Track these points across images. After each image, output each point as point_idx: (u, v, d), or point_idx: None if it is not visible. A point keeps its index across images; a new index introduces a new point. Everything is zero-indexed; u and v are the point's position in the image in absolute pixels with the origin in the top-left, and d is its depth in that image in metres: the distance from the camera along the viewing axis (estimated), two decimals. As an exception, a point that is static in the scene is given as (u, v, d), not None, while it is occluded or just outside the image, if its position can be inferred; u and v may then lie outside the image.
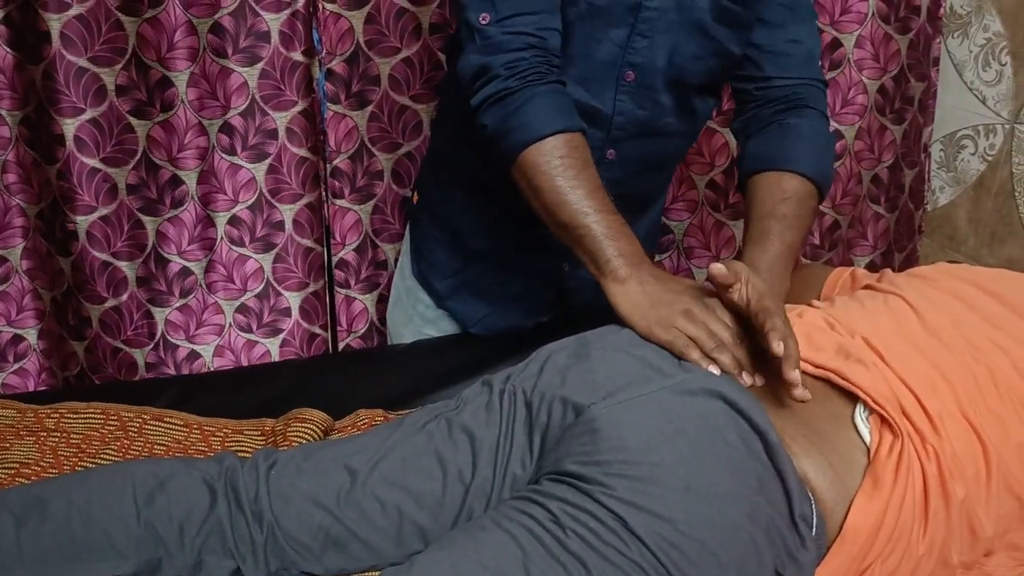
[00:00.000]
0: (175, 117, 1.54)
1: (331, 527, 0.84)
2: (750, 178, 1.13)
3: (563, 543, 0.72)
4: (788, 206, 1.06)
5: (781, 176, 1.09)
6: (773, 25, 1.14)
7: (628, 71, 1.11)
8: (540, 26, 1.01)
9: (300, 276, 1.70)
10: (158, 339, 1.67)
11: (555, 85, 1.02)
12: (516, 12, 0.99)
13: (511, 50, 1.00)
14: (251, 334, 1.71)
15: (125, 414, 1.16)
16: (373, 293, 1.76)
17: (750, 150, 1.16)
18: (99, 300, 1.61)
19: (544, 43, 1.01)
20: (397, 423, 0.93)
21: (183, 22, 1.49)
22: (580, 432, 0.79)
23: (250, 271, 1.67)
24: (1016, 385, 0.89)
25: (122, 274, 1.61)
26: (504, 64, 0.99)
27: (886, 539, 0.80)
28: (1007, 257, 1.79)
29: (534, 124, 0.99)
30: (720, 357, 0.85)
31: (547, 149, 0.98)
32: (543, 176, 0.98)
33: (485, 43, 1.00)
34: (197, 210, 1.62)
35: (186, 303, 1.66)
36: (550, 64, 1.03)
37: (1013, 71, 1.73)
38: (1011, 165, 1.77)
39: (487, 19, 1.00)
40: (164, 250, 1.62)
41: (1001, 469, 0.84)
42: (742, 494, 0.76)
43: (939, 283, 1.03)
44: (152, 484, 0.85)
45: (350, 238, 1.71)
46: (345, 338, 1.77)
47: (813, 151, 1.12)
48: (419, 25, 1.59)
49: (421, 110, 1.66)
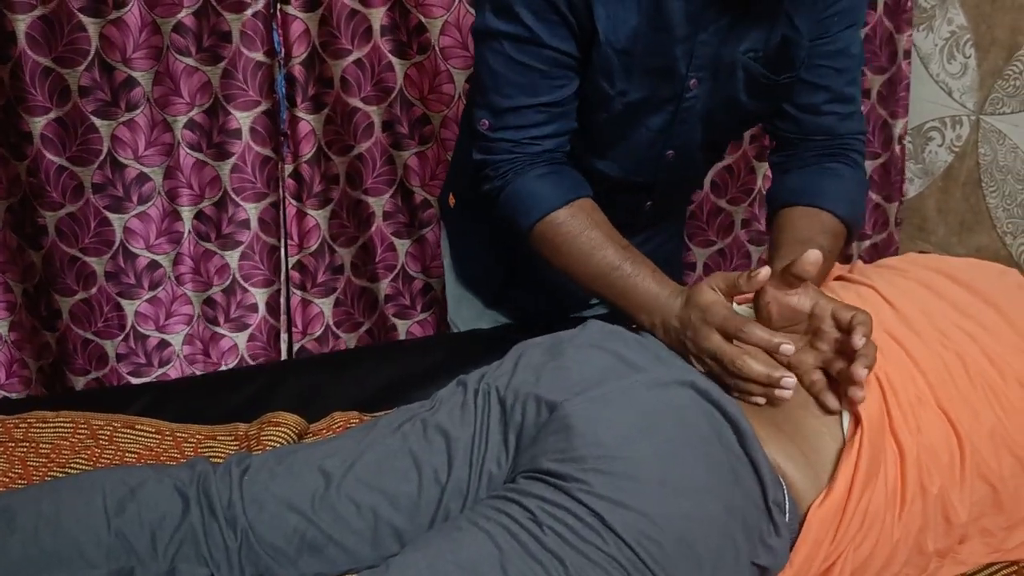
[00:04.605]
0: (140, 116, 1.54)
1: (306, 531, 0.83)
2: (784, 209, 1.13)
3: (540, 541, 0.72)
4: (826, 239, 1.05)
5: (818, 211, 1.09)
6: (818, 87, 1.12)
7: (669, 151, 1.15)
8: (531, 135, 1.05)
9: (266, 273, 1.71)
10: (128, 330, 1.69)
11: (545, 168, 1.06)
12: (509, 125, 1.05)
13: (499, 152, 1.06)
14: (219, 327, 1.74)
15: (95, 422, 1.15)
16: (330, 297, 1.77)
17: (788, 184, 1.15)
18: (69, 293, 1.63)
19: (534, 147, 1.06)
20: (371, 425, 0.92)
21: (148, 22, 1.48)
22: (555, 429, 0.78)
23: (216, 266, 1.69)
24: (986, 371, 0.89)
25: (91, 268, 1.63)
26: (493, 165, 1.07)
27: (858, 525, 0.80)
28: (976, 246, 1.81)
29: (529, 210, 1.05)
30: (748, 388, 0.84)
31: (538, 232, 1.04)
32: (550, 249, 1.04)
33: (482, 144, 1.08)
34: (164, 205, 1.63)
35: (155, 295, 1.68)
36: (541, 162, 1.06)
37: (977, 63, 1.75)
38: (977, 156, 1.79)
39: (486, 125, 1.06)
40: (132, 245, 1.64)
41: (974, 456, 0.85)
42: (717, 486, 0.76)
43: (908, 273, 1.04)
44: (122, 492, 0.84)
45: (308, 242, 1.72)
46: (300, 339, 1.78)
47: (849, 195, 1.12)
48: (370, 27, 1.59)
49: (372, 112, 1.66)
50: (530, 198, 1.04)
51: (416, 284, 1.87)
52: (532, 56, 1.01)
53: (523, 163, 1.05)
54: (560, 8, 0.98)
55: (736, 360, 0.83)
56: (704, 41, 1.02)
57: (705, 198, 1.91)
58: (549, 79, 1.02)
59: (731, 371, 0.84)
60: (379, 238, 1.79)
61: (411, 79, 1.65)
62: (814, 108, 1.13)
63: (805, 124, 1.14)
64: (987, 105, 1.75)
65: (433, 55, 1.62)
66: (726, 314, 0.86)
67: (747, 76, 1.07)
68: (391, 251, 1.82)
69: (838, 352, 0.84)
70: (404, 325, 1.89)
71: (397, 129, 1.70)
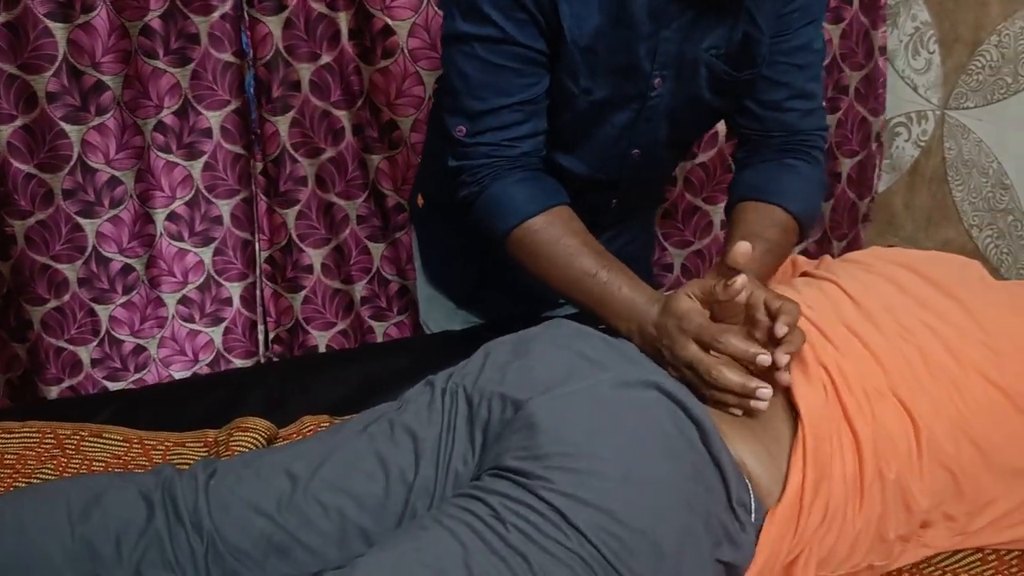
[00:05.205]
0: (110, 120, 1.54)
1: (273, 534, 0.83)
2: (740, 203, 1.14)
3: (504, 538, 0.72)
4: (775, 232, 1.07)
5: (770, 207, 1.10)
6: (779, 83, 1.13)
7: (634, 150, 1.15)
8: (509, 137, 1.05)
9: (240, 267, 1.73)
10: (103, 335, 1.69)
11: (523, 173, 1.06)
12: (487, 128, 1.04)
13: (477, 158, 1.06)
14: (194, 324, 1.75)
15: (62, 432, 1.14)
16: (298, 294, 1.78)
17: (745, 179, 1.17)
18: (40, 302, 1.62)
19: (513, 150, 1.06)
20: (338, 427, 0.92)
21: (116, 26, 1.48)
22: (519, 427, 0.79)
23: (190, 264, 1.70)
24: (946, 363, 0.91)
25: (62, 276, 1.63)
26: (470, 171, 1.07)
27: (819, 518, 0.81)
28: (943, 239, 1.83)
29: (506, 215, 1.05)
30: (724, 399, 0.84)
31: (515, 238, 1.04)
32: (527, 256, 1.04)
33: (458, 151, 1.07)
34: (136, 208, 1.63)
35: (129, 299, 1.68)
36: (519, 167, 1.06)
37: (941, 59, 1.78)
38: (943, 151, 1.81)
39: (463, 131, 1.06)
40: (105, 249, 1.64)
41: (932, 445, 0.86)
42: (679, 483, 0.76)
43: (872, 267, 1.06)
44: (87, 499, 0.83)
45: (277, 238, 1.73)
46: (274, 329, 1.80)
47: (805, 193, 1.14)
48: (338, 31, 1.59)
49: (343, 116, 1.66)
50: (507, 204, 1.04)
51: (392, 287, 1.87)
52: (504, 56, 1.01)
53: (501, 168, 1.05)
54: (527, 6, 0.98)
55: (712, 370, 0.83)
56: (667, 38, 1.03)
57: (680, 197, 1.91)
58: (522, 77, 1.03)
59: (707, 381, 0.84)
60: (353, 241, 1.79)
61: (376, 85, 1.65)
62: (776, 104, 1.14)
63: (767, 120, 1.15)
64: (951, 100, 1.77)
65: (402, 57, 1.62)
66: (702, 322, 0.86)
67: (710, 73, 1.08)
68: (366, 254, 1.82)
69: (770, 340, 0.85)
70: (381, 327, 1.89)
71: (367, 133, 1.70)
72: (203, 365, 1.79)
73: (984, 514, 0.91)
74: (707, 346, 0.85)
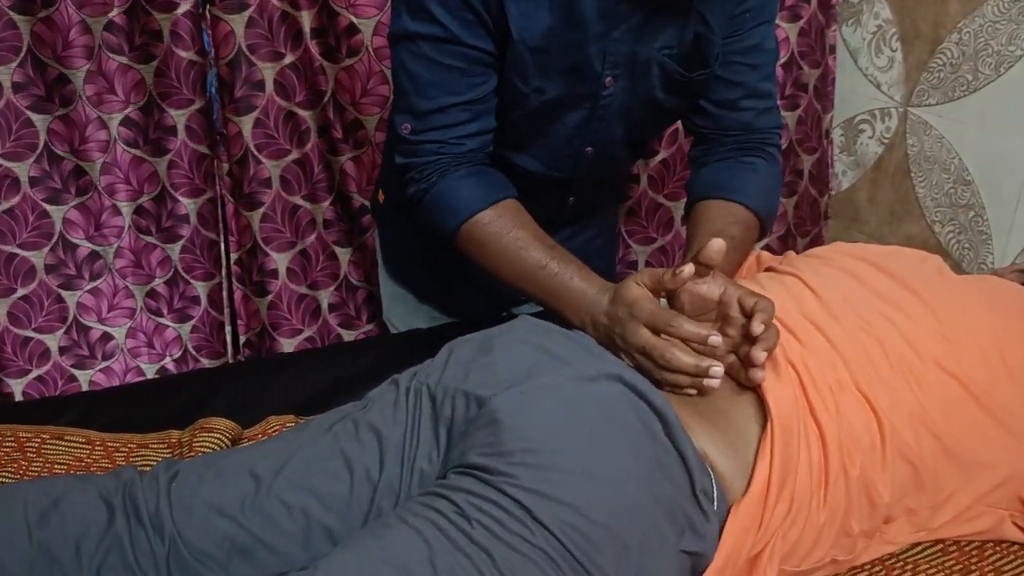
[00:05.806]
0: (75, 112, 1.53)
1: (236, 535, 0.82)
2: (700, 202, 1.15)
3: (468, 534, 0.72)
4: (737, 229, 1.08)
5: (731, 204, 1.11)
6: (733, 83, 1.13)
7: (588, 148, 1.15)
8: (456, 135, 1.05)
9: (206, 267, 1.72)
10: (70, 322, 1.68)
11: (469, 168, 1.06)
12: (433, 126, 1.04)
13: (423, 155, 1.06)
14: (162, 318, 1.74)
15: (23, 434, 1.12)
16: (265, 298, 1.77)
17: (704, 177, 1.17)
18: (6, 292, 1.62)
19: (461, 147, 1.06)
20: (303, 426, 0.92)
21: (77, 21, 1.47)
22: (483, 424, 0.79)
23: (158, 259, 1.70)
24: (906, 355, 0.92)
25: (30, 263, 1.62)
26: (417, 168, 1.07)
27: (784, 511, 0.81)
28: (906, 234, 1.86)
29: (454, 210, 1.05)
30: (677, 380, 0.85)
31: (464, 233, 1.05)
32: (476, 250, 1.05)
33: (405, 148, 1.08)
34: (103, 199, 1.62)
35: (96, 286, 1.67)
36: (465, 163, 1.06)
37: (903, 56, 1.80)
38: (906, 147, 1.84)
39: (408, 129, 1.06)
40: (72, 235, 1.63)
41: (894, 437, 0.87)
42: (643, 476, 0.76)
43: (833, 261, 1.07)
44: (45, 503, 0.82)
45: (244, 239, 1.72)
46: (245, 332, 1.79)
47: (764, 189, 1.15)
48: (300, 31, 1.58)
49: (307, 116, 1.65)
50: (455, 199, 1.04)
51: (360, 293, 1.86)
52: (451, 55, 1.01)
53: (447, 164, 1.05)
54: (474, 6, 0.98)
55: (665, 353, 0.85)
56: (617, 39, 1.03)
57: (643, 194, 1.92)
58: (469, 77, 1.03)
59: (660, 364, 0.85)
60: (320, 245, 1.78)
61: (342, 83, 1.64)
62: (730, 104, 1.15)
63: (722, 120, 1.16)
64: (914, 97, 1.79)
65: (367, 56, 1.61)
66: (653, 308, 0.87)
67: (663, 73, 1.09)
68: (333, 259, 1.81)
69: (744, 337, 0.86)
70: (350, 335, 1.88)
71: (332, 134, 1.69)
72: (171, 361, 1.77)
73: (945, 509, 0.93)
74: (659, 331, 0.86)
